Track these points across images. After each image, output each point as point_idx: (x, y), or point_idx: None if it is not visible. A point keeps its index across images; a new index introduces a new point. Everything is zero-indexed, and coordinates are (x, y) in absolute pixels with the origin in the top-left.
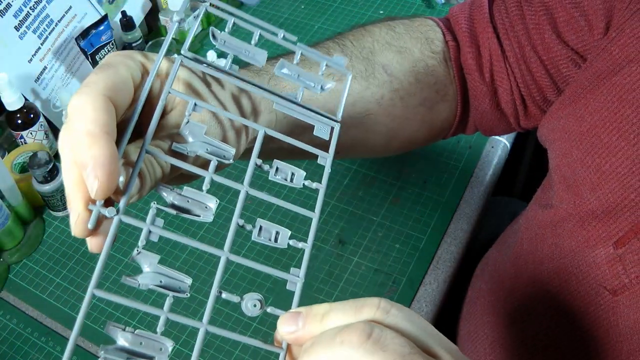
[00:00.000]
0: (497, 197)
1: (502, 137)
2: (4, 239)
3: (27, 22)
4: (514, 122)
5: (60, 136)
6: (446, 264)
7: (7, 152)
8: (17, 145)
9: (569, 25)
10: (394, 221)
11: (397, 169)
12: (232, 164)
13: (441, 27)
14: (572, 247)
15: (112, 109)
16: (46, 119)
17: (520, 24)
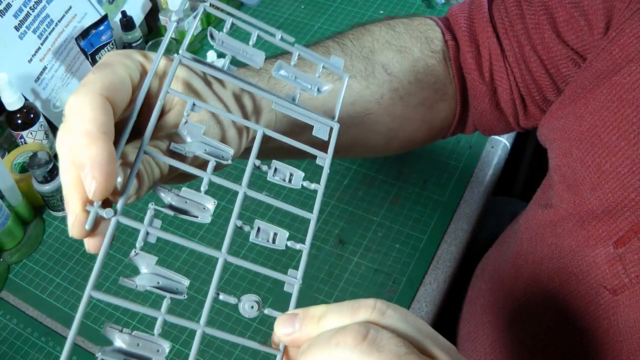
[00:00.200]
0: (497, 197)
1: (502, 137)
2: (4, 239)
3: (27, 22)
4: (513, 122)
5: (58, 136)
6: (446, 264)
7: (7, 152)
8: (17, 145)
9: (569, 24)
10: (394, 221)
11: (397, 169)
12: (231, 164)
13: (441, 26)
14: (572, 246)
15: (109, 108)
16: (46, 119)
17: (519, 23)
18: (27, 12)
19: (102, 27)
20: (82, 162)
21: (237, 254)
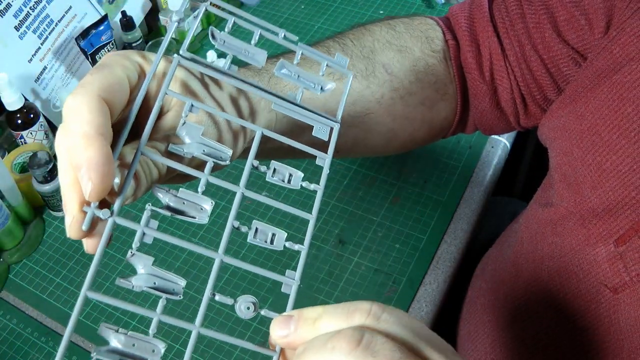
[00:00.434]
0: (497, 197)
1: (502, 137)
2: (4, 239)
3: (27, 22)
4: (513, 121)
5: (56, 137)
6: (446, 264)
7: (7, 152)
8: (17, 145)
9: (570, 24)
10: (394, 221)
11: (397, 169)
12: (229, 164)
13: (441, 26)
14: (573, 245)
15: (106, 110)
16: (46, 119)
17: (520, 22)
18: (27, 12)
19: (102, 27)
20: (79, 164)
21: (238, 254)
